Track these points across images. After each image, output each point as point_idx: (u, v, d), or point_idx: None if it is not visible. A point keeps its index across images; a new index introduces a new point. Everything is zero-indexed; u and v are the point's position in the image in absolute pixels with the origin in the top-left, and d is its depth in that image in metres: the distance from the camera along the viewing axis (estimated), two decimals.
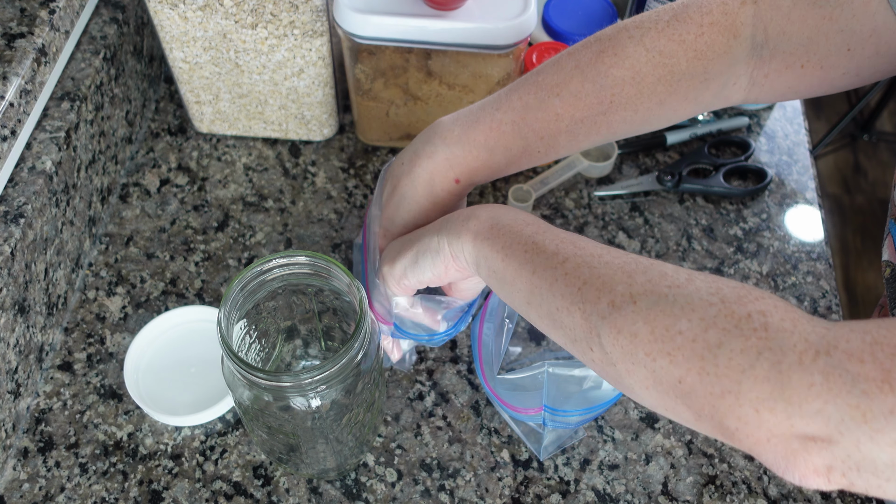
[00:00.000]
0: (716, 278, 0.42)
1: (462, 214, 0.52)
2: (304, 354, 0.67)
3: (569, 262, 0.46)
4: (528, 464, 0.66)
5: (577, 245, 0.47)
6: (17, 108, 0.60)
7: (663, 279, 0.42)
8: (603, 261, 0.45)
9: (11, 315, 0.62)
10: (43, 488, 0.64)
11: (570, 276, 0.45)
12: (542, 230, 0.49)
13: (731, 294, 0.40)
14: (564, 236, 0.49)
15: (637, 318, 0.41)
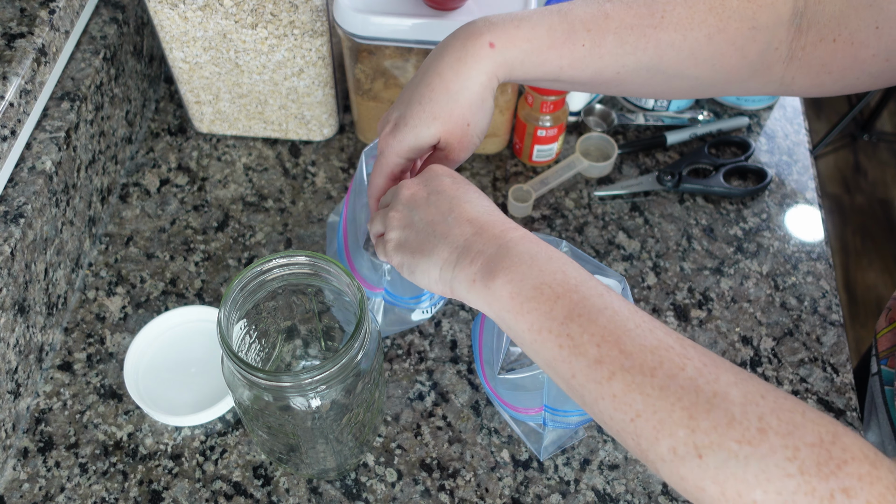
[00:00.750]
0: (791, 421, 0.37)
1: (488, 243, 0.47)
2: (304, 354, 0.67)
3: (616, 381, 0.41)
4: (528, 464, 0.66)
5: (622, 344, 0.41)
6: (17, 108, 0.60)
7: (731, 428, 0.38)
8: (657, 382, 0.40)
9: (11, 315, 0.62)
10: (43, 488, 0.64)
11: (619, 399, 0.41)
12: (579, 301, 0.43)
13: (810, 459, 0.36)
14: (606, 322, 0.42)
15: (705, 476, 0.38)
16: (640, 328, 0.42)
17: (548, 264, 0.45)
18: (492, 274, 0.45)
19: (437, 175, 0.52)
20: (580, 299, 0.43)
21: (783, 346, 0.73)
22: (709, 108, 0.90)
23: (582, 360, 0.42)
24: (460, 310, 0.74)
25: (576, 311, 0.43)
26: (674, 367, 0.40)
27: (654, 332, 0.42)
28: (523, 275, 0.45)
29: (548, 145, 0.81)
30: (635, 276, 0.77)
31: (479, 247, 0.47)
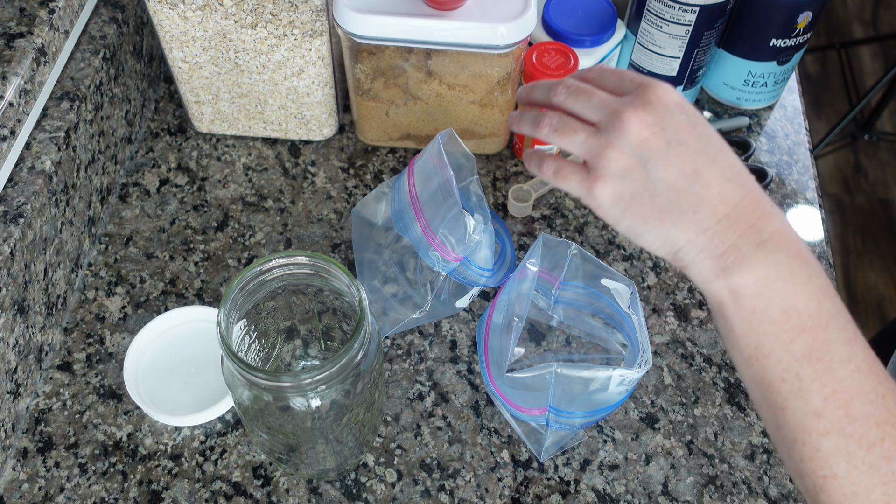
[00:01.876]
0: None
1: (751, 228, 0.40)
2: (303, 354, 0.67)
3: (827, 439, 0.39)
4: (528, 464, 0.66)
5: (850, 407, 0.38)
6: (17, 107, 0.60)
7: None
8: (870, 458, 0.38)
9: (11, 315, 0.62)
10: (42, 488, 0.64)
11: (822, 455, 0.39)
12: (825, 344, 0.39)
13: None
14: (843, 377, 0.38)
15: None
16: (875, 392, 0.38)
17: (805, 286, 0.39)
18: (740, 276, 0.40)
19: (672, 111, 0.41)
20: (826, 341, 0.39)
21: None
22: (709, 107, 0.90)
23: (800, 403, 0.39)
24: (461, 310, 0.74)
25: (816, 355, 0.39)
26: (893, 447, 0.38)
27: (886, 398, 0.38)
28: (775, 291, 0.39)
29: (548, 145, 0.81)
30: (635, 276, 0.77)
31: (732, 238, 0.40)
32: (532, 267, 0.63)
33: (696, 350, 0.72)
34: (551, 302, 0.70)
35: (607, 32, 0.81)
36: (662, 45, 0.81)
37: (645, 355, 0.57)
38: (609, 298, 0.65)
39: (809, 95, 2.22)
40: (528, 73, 0.75)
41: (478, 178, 0.67)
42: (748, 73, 0.85)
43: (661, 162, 0.41)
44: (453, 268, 0.65)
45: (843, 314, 0.40)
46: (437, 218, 0.63)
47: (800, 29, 0.80)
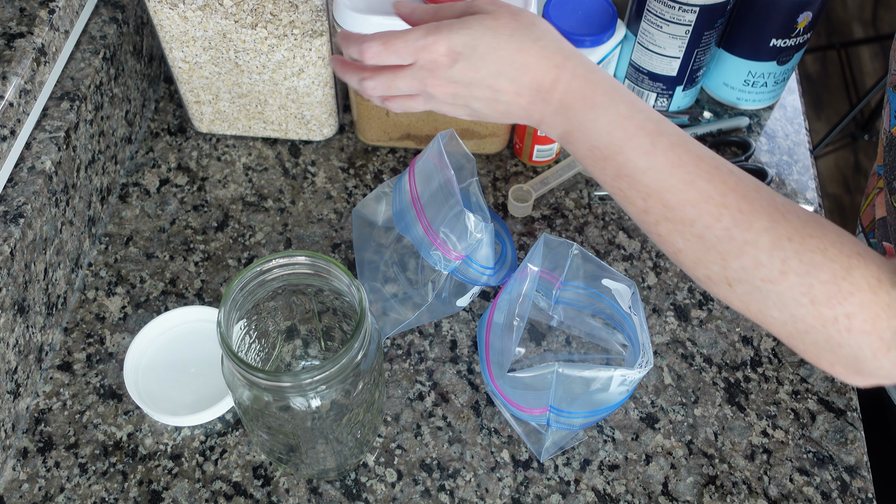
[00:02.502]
0: (810, 262, 0.44)
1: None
2: (303, 354, 0.67)
3: (661, 226, 0.49)
4: (528, 464, 0.66)
5: (664, 200, 0.48)
6: (17, 107, 0.60)
7: (757, 270, 0.45)
8: (695, 231, 0.47)
9: (11, 315, 0.62)
10: (42, 488, 0.64)
11: (664, 238, 0.49)
12: (624, 163, 0.49)
13: (822, 294, 0.44)
14: (649, 181, 0.48)
15: (733, 297, 0.48)
16: (683, 181, 0.47)
17: (595, 125, 0.49)
18: (555, 133, 0.52)
19: (461, 40, 0.51)
20: (625, 161, 0.49)
21: (783, 346, 0.73)
22: (709, 107, 0.90)
23: (632, 207, 0.50)
24: (461, 310, 0.74)
25: (622, 172, 0.49)
26: (711, 218, 0.46)
27: (695, 183, 0.47)
28: (576, 139, 0.51)
29: (548, 145, 0.81)
30: (635, 276, 0.77)
31: (537, 115, 0.52)
32: (533, 267, 0.63)
33: (696, 350, 0.72)
34: (552, 302, 0.70)
35: (607, 32, 0.81)
36: (662, 45, 0.81)
37: (646, 355, 0.57)
38: (610, 299, 0.65)
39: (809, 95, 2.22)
40: None
41: (477, 179, 0.67)
42: (748, 73, 0.85)
43: (463, 85, 0.52)
44: (455, 267, 0.65)
45: (636, 134, 0.48)
46: (438, 217, 0.63)
47: (800, 29, 0.80)
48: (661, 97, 0.86)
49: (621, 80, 0.88)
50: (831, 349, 0.45)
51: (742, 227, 0.46)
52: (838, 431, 0.68)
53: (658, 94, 0.86)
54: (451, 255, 0.64)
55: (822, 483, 0.66)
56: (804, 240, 0.45)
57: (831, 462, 0.67)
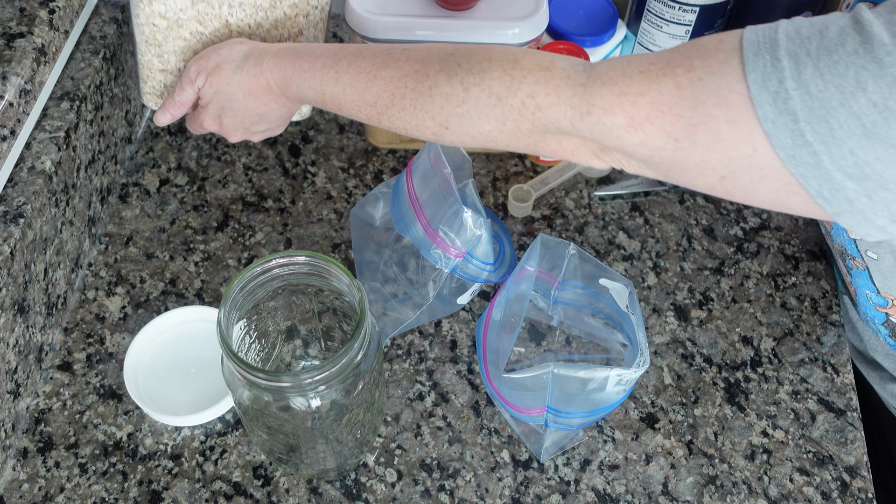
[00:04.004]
0: (480, 71, 0.51)
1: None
2: (303, 354, 0.67)
3: (382, 120, 0.58)
4: (528, 464, 0.66)
5: (366, 95, 0.57)
6: (17, 107, 0.60)
7: (450, 100, 0.52)
8: (399, 107, 0.55)
9: (11, 315, 0.62)
10: (42, 488, 0.64)
11: (394, 126, 0.57)
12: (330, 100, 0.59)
13: (501, 88, 0.50)
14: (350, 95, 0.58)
15: (455, 138, 0.55)
16: (369, 81, 0.56)
17: (307, 91, 0.60)
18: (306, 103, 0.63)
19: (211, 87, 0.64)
20: (331, 97, 0.59)
21: (783, 346, 0.73)
22: None
23: (365, 122, 0.60)
24: (461, 310, 0.74)
25: (337, 106, 0.59)
26: (400, 90, 0.54)
27: (379, 75, 0.55)
28: (312, 101, 0.61)
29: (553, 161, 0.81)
30: (635, 276, 0.77)
31: (293, 107, 0.66)
32: (530, 268, 0.63)
33: (696, 350, 0.72)
34: (551, 302, 0.70)
35: (608, 32, 0.81)
36: (662, 44, 0.81)
37: (643, 355, 0.57)
38: (608, 298, 0.65)
39: None
40: None
41: (474, 181, 0.67)
42: None
43: (250, 124, 0.66)
44: (456, 264, 0.66)
45: (324, 75, 0.58)
46: (437, 216, 0.64)
47: None
48: None
49: None
50: (539, 133, 0.51)
51: (422, 79, 0.53)
52: (838, 431, 0.68)
53: None
54: (451, 253, 0.64)
55: (822, 483, 0.66)
56: (470, 57, 0.52)
57: (831, 462, 0.67)
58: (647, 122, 0.45)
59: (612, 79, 0.47)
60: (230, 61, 0.62)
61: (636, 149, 0.47)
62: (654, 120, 0.45)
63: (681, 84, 0.44)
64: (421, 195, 0.65)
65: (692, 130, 0.44)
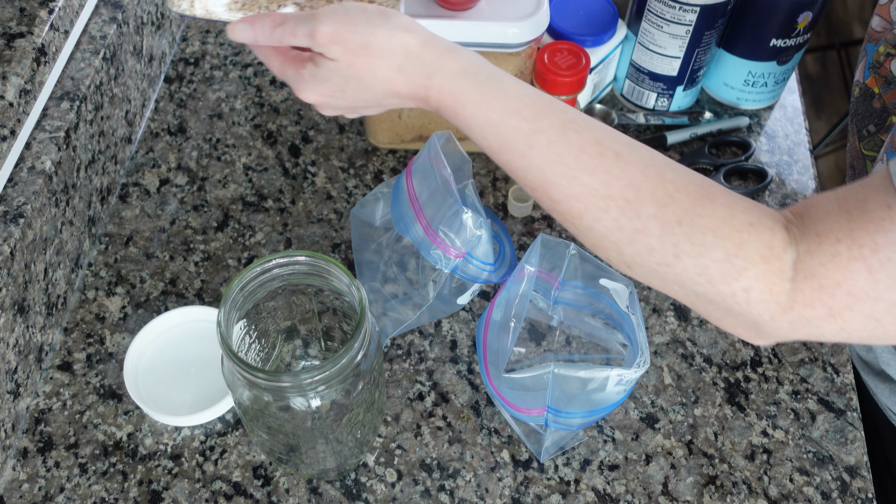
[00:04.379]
0: (702, 244, 0.45)
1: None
2: (303, 354, 0.67)
3: (554, 217, 0.49)
4: (528, 464, 0.66)
5: (550, 194, 0.48)
6: (17, 107, 0.60)
7: (651, 255, 0.46)
8: (584, 224, 0.47)
9: (11, 315, 0.62)
10: (42, 488, 0.64)
11: (563, 223, 0.49)
12: (507, 164, 0.50)
13: (717, 273, 0.45)
14: (532, 179, 0.48)
15: (634, 276, 0.49)
16: (565, 178, 0.47)
17: (471, 133, 0.50)
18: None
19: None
20: (505, 162, 0.50)
21: (783, 346, 0.73)
22: (709, 107, 0.90)
23: (530, 193, 0.50)
24: (461, 310, 0.74)
25: (507, 168, 0.50)
26: (598, 211, 0.47)
27: (578, 178, 0.47)
28: (462, 128, 0.51)
29: None
30: None
31: (423, 106, 0.52)
32: (530, 268, 0.63)
33: (696, 350, 0.72)
34: (551, 302, 0.70)
35: (608, 32, 0.81)
36: (663, 44, 0.81)
37: (643, 355, 0.57)
38: (608, 298, 0.65)
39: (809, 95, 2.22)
40: (539, 73, 0.75)
41: (473, 182, 0.67)
42: (748, 73, 0.85)
43: (360, 109, 0.54)
44: (456, 265, 0.66)
45: (510, 139, 0.48)
46: (437, 216, 0.64)
47: (800, 29, 0.80)
48: (662, 97, 0.86)
49: (622, 80, 0.88)
50: (732, 316, 0.47)
51: (630, 216, 0.46)
52: (838, 431, 0.68)
53: (658, 94, 0.86)
54: (451, 253, 0.64)
55: (822, 483, 0.66)
56: (694, 221, 0.45)
57: (831, 462, 0.67)
58: (846, 311, 0.44)
59: (811, 269, 0.44)
60: (387, 52, 0.49)
61: (834, 334, 0.45)
62: (853, 307, 0.43)
63: (872, 267, 0.42)
64: (421, 195, 0.65)
65: (893, 309, 0.43)
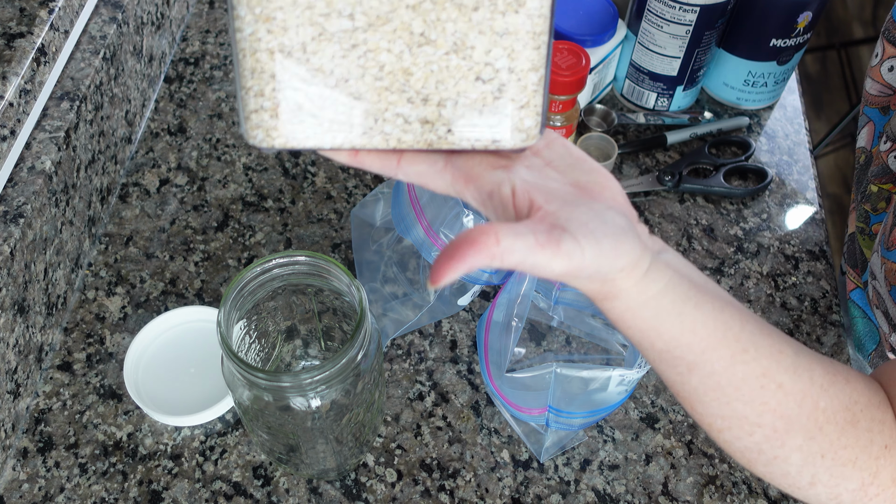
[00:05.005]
0: (839, 475, 0.43)
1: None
2: (303, 354, 0.67)
3: (694, 413, 0.45)
4: (528, 464, 0.66)
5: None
6: (17, 107, 0.60)
7: (785, 478, 0.45)
8: (724, 437, 0.44)
9: (11, 315, 0.62)
10: (42, 488, 0.64)
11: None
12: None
13: (848, 499, 0.44)
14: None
15: (757, 474, 0.46)
16: (717, 401, 0.42)
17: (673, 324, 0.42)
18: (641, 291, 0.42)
19: None
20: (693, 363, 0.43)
21: None
22: (709, 108, 0.90)
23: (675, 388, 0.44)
24: (461, 310, 0.74)
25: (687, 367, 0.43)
26: (741, 432, 0.43)
27: (731, 405, 0.42)
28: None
29: None
30: None
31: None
32: None
33: None
34: (552, 303, 0.70)
35: (608, 32, 0.81)
36: (663, 44, 0.81)
37: None
38: None
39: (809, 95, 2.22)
40: None
41: None
42: (748, 73, 0.85)
43: None
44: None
45: (657, 333, 0.41)
46: (438, 218, 0.64)
47: (800, 29, 0.80)
48: (662, 97, 0.87)
49: (622, 80, 0.88)
50: None
51: (773, 444, 0.43)
52: None
53: (658, 94, 0.86)
54: None
55: None
56: (837, 453, 0.43)
57: None
58: None
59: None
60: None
61: None
62: None
63: None
64: (422, 197, 0.65)
65: None
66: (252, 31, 0.36)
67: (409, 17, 0.36)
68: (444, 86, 0.37)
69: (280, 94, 0.37)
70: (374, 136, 0.39)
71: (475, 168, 0.40)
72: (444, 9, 0.36)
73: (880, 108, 0.70)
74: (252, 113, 0.38)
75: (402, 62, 0.37)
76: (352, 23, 0.36)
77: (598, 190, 0.40)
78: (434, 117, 0.38)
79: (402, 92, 0.38)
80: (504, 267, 0.35)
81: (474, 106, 0.38)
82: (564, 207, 0.37)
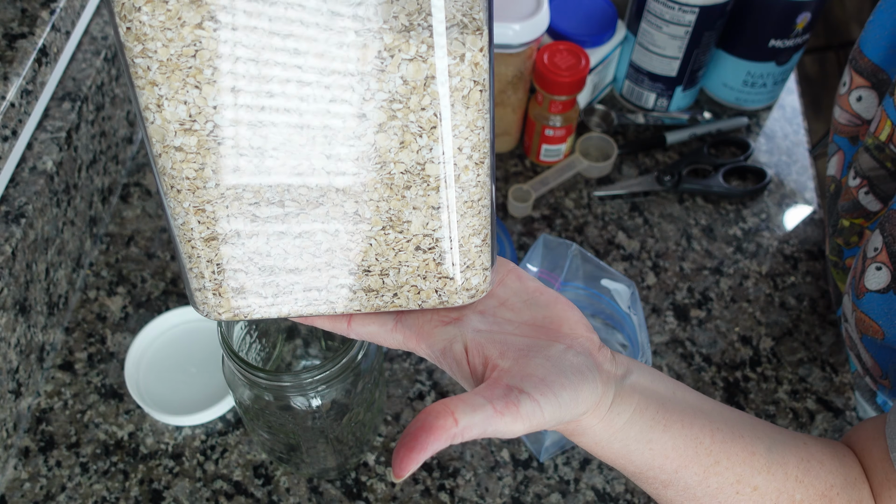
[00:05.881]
0: None
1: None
2: (304, 354, 0.67)
3: None
4: (528, 463, 0.66)
5: None
6: (18, 108, 0.60)
7: None
8: None
9: (12, 315, 0.63)
10: (44, 488, 0.64)
11: None
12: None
13: None
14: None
15: None
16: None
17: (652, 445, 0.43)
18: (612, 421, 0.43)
19: None
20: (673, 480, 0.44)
21: (782, 345, 0.73)
22: (708, 108, 0.90)
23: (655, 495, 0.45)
24: None
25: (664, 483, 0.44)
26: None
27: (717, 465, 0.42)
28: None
29: (556, 145, 0.81)
30: (635, 276, 0.77)
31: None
32: (532, 267, 0.63)
33: (695, 350, 0.72)
34: None
35: (607, 33, 0.82)
36: (662, 45, 0.81)
37: (645, 355, 0.57)
38: (609, 299, 0.65)
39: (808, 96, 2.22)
40: (539, 73, 0.75)
41: None
42: (747, 74, 0.85)
43: None
44: None
45: (628, 453, 0.41)
46: None
47: (799, 29, 0.81)
48: (661, 97, 0.87)
49: (621, 80, 0.88)
50: None
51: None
52: (837, 431, 0.68)
53: (658, 95, 0.86)
54: None
55: None
56: None
57: None
58: None
59: None
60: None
61: None
62: None
63: None
64: None
65: None
66: (184, 222, 0.37)
67: (341, 199, 0.36)
68: (385, 257, 0.38)
69: (220, 277, 0.38)
70: (320, 305, 0.40)
71: (425, 326, 0.40)
72: (374, 189, 0.36)
73: (849, 137, 0.69)
74: (196, 291, 0.39)
75: (338, 240, 0.37)
76: (282, 209, 0.36)
77: (556, 325, 0.39)
78: (378, 286, 0.39)
79: (343, 266, 0.38)
80: (466, 440, 0.35)
81: (417, 272, 0.38)
82: (519, 362, 0.37)
